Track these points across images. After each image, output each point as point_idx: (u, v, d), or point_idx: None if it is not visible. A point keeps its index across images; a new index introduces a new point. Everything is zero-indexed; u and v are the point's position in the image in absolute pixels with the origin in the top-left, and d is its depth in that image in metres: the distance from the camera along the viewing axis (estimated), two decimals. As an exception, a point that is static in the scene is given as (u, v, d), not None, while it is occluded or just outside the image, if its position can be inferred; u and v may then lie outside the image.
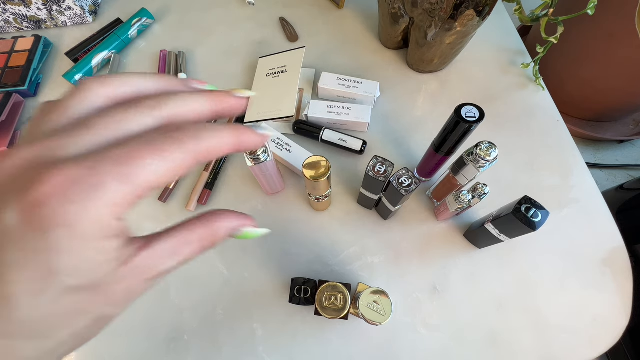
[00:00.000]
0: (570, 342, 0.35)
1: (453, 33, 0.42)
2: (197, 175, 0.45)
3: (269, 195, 0.43)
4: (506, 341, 0.35)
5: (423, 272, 0.39)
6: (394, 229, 0.41)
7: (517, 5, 0.40)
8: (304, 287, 0.34)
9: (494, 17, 0.54)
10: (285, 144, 0.43)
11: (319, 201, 0.38)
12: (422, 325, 0.36)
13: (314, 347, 0.36)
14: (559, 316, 0.36)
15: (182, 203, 0.43)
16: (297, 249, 0.40)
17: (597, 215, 0.41)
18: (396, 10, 0.45)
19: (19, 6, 0.54)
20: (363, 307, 0.30)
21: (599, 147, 1.14)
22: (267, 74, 0.50)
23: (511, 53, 0.53)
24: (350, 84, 0.47)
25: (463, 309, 0.37)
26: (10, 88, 0.50)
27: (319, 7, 0.59)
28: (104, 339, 0.37)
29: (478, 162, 0.32)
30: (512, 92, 0.50)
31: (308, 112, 0.46)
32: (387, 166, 0.32)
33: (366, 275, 0.39)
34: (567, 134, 0.46)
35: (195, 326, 0.37)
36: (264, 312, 0.37)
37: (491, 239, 0.35)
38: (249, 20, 0.58)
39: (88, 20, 0.58)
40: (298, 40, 0.56)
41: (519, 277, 0.38)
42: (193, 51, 0.55)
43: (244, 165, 0.45)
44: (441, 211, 0.39)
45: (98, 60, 0.53)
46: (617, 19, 0.77)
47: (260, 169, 0.35)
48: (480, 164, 0.32)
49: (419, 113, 0.48)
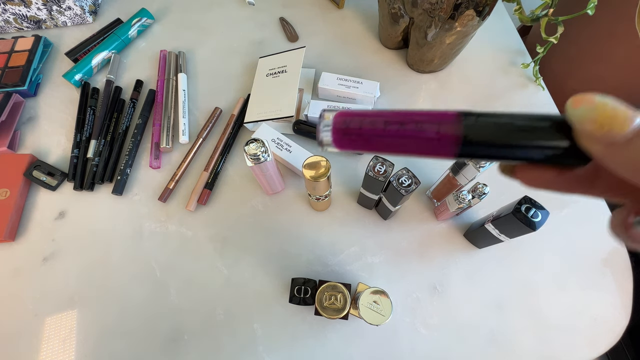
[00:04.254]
0: (570, 342, 0.35)
1: (453, 33, 0.42)
2: (197, 175, 0.45)
3: (269, 195, 0.43)
4: (506, 341, 0.35)
5: (423, 272, 0.39)
6: (394, 229, 0.41)
7: (517, 5, 0.40)
8: (304, 287, 0.34)
9: (494, 17, 0.54)
10: (285, 144, 0.43)
11: (319, 201, 0.38)
12: (422, 325, 0.36)
13: (314, 347, 0.36)
14: (559, 316, 0.36)
15: (182, 203, 0.43)
16: (297, 249, 0.40)
17: (597, 215, 0.41)
18: (396, 10, 0.45)
19: (19, 6, 0.54)
20: (363, 307, 0.30)
21: (599, 147, 1.13)
22: (267, 74, 0.50)
23: (511, 53, 0.53)
24: (350, 84, 0.47)
25: (463, 309, 0.37)
26: (10, 88, 0.50)
27: (319, 7, 0.59)
28: (104, 339, 0.37)
29: (478, 162, 0.32)
30: (512, 92, 0.50)
31: (308, 112, 0.46)
32: (387, 166, 0.32)
33: (366, 275, 0.39)
34: (567, 134, 0.46)
35: (195, 326, 0.37)
36: (264, 312, 0.37)
37: (491, 239, 0.35)
38: (249, 20, 0.58)
39: (88, 20, 0.58)
40: (298, 40, 0.56)
41: (519, 277, 0.38)
42: (193, 51, 0.55)
43: (244, 165, 0.45)
44: (441, 211, 0.39)
45: (98, 60, 0.53)
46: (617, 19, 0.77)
47: (260, 169, 0.35)
48: (480, 164, 0.32)
49: (419, 113, 0.48)
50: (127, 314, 0.38)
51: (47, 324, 0.38)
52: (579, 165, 0.13)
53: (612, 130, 0.11)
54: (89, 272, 0.40)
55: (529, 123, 0.12)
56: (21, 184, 0.43)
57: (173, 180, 0.44)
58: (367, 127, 0.15)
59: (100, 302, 0.39)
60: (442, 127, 0.13)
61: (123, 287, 0.39)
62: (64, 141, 0.48)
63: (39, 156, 0.47)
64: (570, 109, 0.12)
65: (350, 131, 0.15)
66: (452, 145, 0.13)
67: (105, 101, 0.49)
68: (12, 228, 0.41)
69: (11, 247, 0.42)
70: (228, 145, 0.46)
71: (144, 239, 0.41)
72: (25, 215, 0.43)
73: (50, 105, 0.51)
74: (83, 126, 0.47)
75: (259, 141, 0.33)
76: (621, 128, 0.10)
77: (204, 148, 0.47)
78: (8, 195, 0.42)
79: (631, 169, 0.11)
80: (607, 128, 0.11)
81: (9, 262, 0.41)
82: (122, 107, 0.50)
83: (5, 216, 0.41)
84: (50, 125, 0.50)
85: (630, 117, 0.10)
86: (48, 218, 0.43)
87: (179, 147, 0.47)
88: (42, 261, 0.41)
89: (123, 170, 0.44)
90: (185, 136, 0.46)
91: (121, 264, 0.40)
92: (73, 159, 0.45)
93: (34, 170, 0.44)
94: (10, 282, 0.40)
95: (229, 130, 0.47)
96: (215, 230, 0.42)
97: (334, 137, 0.15)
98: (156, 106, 0.49)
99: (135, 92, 0.51)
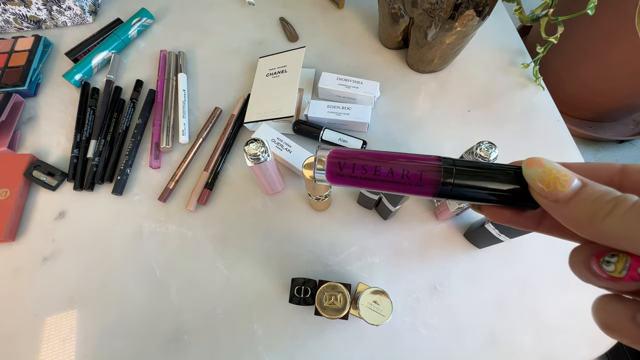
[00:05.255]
0: (570, 342, 0.35)
1: (453, 33, 0.42)
2: (197, 175, 0.45)
3: (269, 195, 0.43)
4: (506, 341, 0.35)
5: (423, 272, 0.39)
6: (394, 229, 0.41)
7: (517, 5, 0.40)
8: (304, 287, 0.34)
9: (494, 17, 0.54)
10: (285, 144, 0.43)
11: (319, 201, 0.38)
12: (422, 325, 0.36)
13: (314, 347, 0.36)
14: (559, 316, 0.36)
15: (182, 203, 0.43)
16: (297, 249, 0.40)
17: (597, 215, 0.41)
18: (396, 10, 0.45)
19: (19, 6, 0.54)
20: (363, 307, 0.30)
21: (599, 147, 1.13)
22: (267, 74, 0.50)
23: (511, 53, 0.53)
24: (350, 84, 0.47)
25: (463, 309, 0.37)
26: (10, 88, 0.50)
27: (319, 7, 0.59)
28: (104, 339, 0.37)
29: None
30: (512, 92, 0.50)
31: (308, 112, 0.46)
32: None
33: (366, 275, 0.39)
34: (567, 134, 0.46)
35: (195, 326, 0.37)
36: (264, 312, 0.37)
37: (491, 239, 0.35)
38: (249, 20, 0.58)
39: (88, 20, 0.58)
40: (298, 40, 0.56)
41: (519, 277, 0.38)
42: (193, 51, 0.55)
43: (244, 165, 0.45)
44: (441, 211, 0.39)
45: (98, 60, 0.53)
46: (617, 19, 0.77)
47: (260, 169, 0.35)
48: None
49: (418, 113, 0.48)
50: (127, 314, 0.38)
51: (47, 324, 0.38)
52: (532, 208, 0.16)
53: (555, 190, 0.13)
54: (89, 272, 0.40)
55: (495, 174, 0.16)
56: (21, 184, 0.43)
57: (173, 180, 0.44)
58: (359, 172, 0.17)
59: (100, 302, 0.39)
60: (425, 174, 0.16)
61: (123, 287, 0.39)
62: (64, 141, 0.48)
63: (39, 156, 0.47)
64: (525, 168, 0.14)
65: (344, 173, 0.17)
66: (432, 188, 0.16)
67: (105, 101, 0.49)
68: (12, 228, 0.41)
69: (11, 247, 0.42)
70: (228, 145, 0.46)
71: (144, 239, 0.41)
72: (25, 215, 0.43)
73: (50, 105, 0.51)
74: (83, 126, 0.47)
75: (259, 141, 0.33)
76: (562, 188, 0.13)
77: (204, 148, 0.47)
78: (8, 195, 0.42)
79: (570, 222, 0.13)
80: (552, 187, 0.13)
81: (9, 262, 0.41)
82: (122, 107, 0.50)
83: (5, 216, 0.41)
84: (50, 125, 0.50)
85: (570, 180, 0.13)
86: (48, 218, 0.43)
87: (179, 147, 0.47)
88: (42, 261, 0.41)
89: (123, 170, 0.44)
90: (185, 136, 0.46)
91: (121, 264, 0.40)
92: (73, 159, 0.45)
93: (34, 170, 0.44)
94: (10, 282, 0.40)
95: (229, 130, 0.47)
96: (215, 230, 0.42)
97: (328, 177, 0.18)
98: (156, 106, 0.49)
99: (135, 92, 0.51)
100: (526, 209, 0.16)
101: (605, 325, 0.13)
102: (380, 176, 0.17)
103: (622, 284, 0.12)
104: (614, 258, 0.12)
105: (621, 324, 0.12)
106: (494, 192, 0.16)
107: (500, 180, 0.15)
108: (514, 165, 0.16)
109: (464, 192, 0.16)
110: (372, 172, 0.17)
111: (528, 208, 0.16)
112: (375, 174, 0.17)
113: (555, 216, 0.14)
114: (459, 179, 0.16)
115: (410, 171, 0.16)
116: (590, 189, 0.13)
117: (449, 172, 0.16)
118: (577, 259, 0.13)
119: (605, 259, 0.12)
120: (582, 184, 0.13)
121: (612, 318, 0.12)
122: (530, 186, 0.14)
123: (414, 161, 0.16)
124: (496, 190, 0.15)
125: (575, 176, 0.13)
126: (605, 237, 0.12)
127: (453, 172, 0.16)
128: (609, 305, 0.13)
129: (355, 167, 0.17)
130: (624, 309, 0.12)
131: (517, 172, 0.15)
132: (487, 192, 0.16)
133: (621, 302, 0.12)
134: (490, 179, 0.15)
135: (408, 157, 0.17)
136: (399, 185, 0.17)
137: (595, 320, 0.13)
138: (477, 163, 0.16)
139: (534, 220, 0.16)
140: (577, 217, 0.13)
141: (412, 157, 0.17)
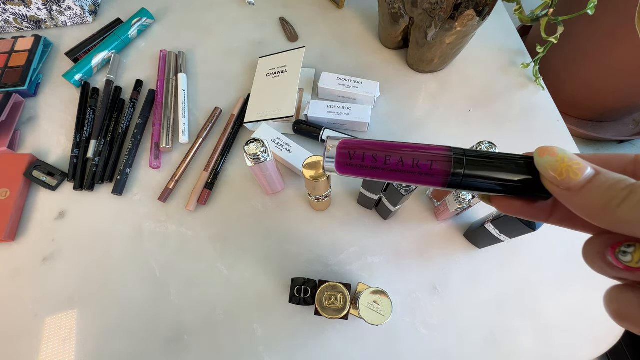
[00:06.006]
0: (570, 342, 0.35)
1: (453, 33, 0.42)
2: (197, 175, 0.45)
3: (269, 195, 0.43)
4: (506, 341, 0.35)
5: (423, 272, 0.39)
6: (394, 229, 0.41)
7: (517, 5, 0.40)
8: (304, 287, 0.34)
9: (494, 17, 0.54)
10: (285, 144, 0.43)
11: (319, 201, 0.38)
12: (422, 325, 0.36)
13: (314, 347, 0.36)
14: (559, 316, 0.36)
15: (182, 203, 0.43)
16: (297, 249, 0.40)
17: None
18: (396, 10, 0.45)
19: (19, 6, 0.54)
20: (363, 307, 0.30)
21: (599, 147, 1.13)
22: (267, 74, 0.50)
23: (511, 53, 0.53)
24: (350, 84, 0.47)
25: (463, 309, 0.37)
26: (10, 88, 0.50)
27: (319, 7, 0.59)
28: (104, 339, 0.37)
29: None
30: (512, 92, 0.50)
31: (308, 112, 0.46)
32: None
33: (366, 275, 0.39)
34: (567, 134, 0.46)
35: (195, 326, 0.37)
36: (264, 312, 0.37)
37: (491, 239, 0.35)
38: (249, 20, 0.58)
39: (88, 20, 0.58)
40: (298, 40, 0.56)
41: (519, 277, 0.38)
42: (193, 51, 0.55)
43: (244, 165, 0.45)
44: (441, 211, 0.39)
45: (98, 60, 0.53)
46: (617, 18, 0.77)
47: (260, 169, 0.35)
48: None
49: (419, 113, 0.48)
50: (127, 314, 0.38)
51: (47, 324, 0.38)
52: (544, 198, 0.15)
53: (568, 178, 0.13)
54: (89, 272, 0.40)
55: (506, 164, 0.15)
56: (21, 184, 0.43)
57: (173, 180, 0.44)
58: (369, 161, 0.17)
59: (100, 302, 0.39)
60: (435, 164, 0.16)
61: (123, 287, 0.39)
62: (64, 141, 0.48)
63: (39, 156, 0.47)
64: (537, 157, 0.14)
65: (353, 163, 0.17)
66: (442, 178, 0.16)
67: (105, 101, 0.49)
68: (12, 228, 0.41)
69: (11, 247, 0.42)
70: (228, 145, 0.46)
71: (144, 239, 0.41)
72: (25, 215, 0.43)
73: (50, 105, 0.51)
74: (83, 126, 0.47)
75: (259, 141, 0.33)
76: (575, 176, 0.13)
77: (204, 148, 0.47)
78: (8, 195, 0.42)
79: (583, 210, 0.13)
80: (565, 176, 0.13)
81: (9, 262, 0.41)
82: (122, 107, 0.50)
83: (5, 216, 0.41)
84: (50, 125, 0.50)
85: (583, 168, 0.13)
86: (48, 218, 0.43)
87: (179, 147, 0.47)
88: (42, 261, 0.41)
89: (123, 170, 0.44)
90: (185, 136, 0.46)
91: (121, 264, 0.40)
92: (73, 159, 0.45)
93: (34, 170, 0.44)
94: (10, 282, 0.40)
95: (229, 130, 0.47)
96: (215, 230, 0.42)
97: (337, 167, 0.17)
98: (156, 106, 0.49)
99: (135, 92, 0.51)
100: (537, 200, 0.16)
101: (617, 315, 0.13)
102: (390, 165, 0.16)
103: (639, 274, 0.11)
104: (631, 248, 0.12)
105: (634, 313, 0.12)
106: (505, 182, 0.15)
107: (511, 170, 0.15)
108: (525, 156, 0.15)
109: (475, 182, 0.16)
110: (382, 162, 0.16)
111: (540, 199, 0.16)
112: (385, 163, 0.16)
113: (568, 205, 0.13)
114: (469, 169, 0.15)
115: (421, 161, 0.16)
116: (603, 176, 0.12)
117: (460, 162, 0.16)
118: (591, 250, 0.13)
119: (622, 250, 0.12)
120: (596, 172, 0.13)
121: (624, 307, 0.12)
122: (543, 175, 0.14)
123: (424, 151, 0.16)
124: (507, 181, 0.15)
125: (588, 164, 0.13)
126: (620, 224, 0.12)
127: (464, 162, 0.16)
128: (621, 295, 0.13)
129: (365, 157, 0.17)
130: (636, 299, 0.12)
131: (529, 162, 0.15)
132: (498, 183, 0.15)
133: (633, 292, 0.12)
134: (501, 169, 0.15)
135: (418, 147, 0.16)
136: (409, 174, 0.16)
137: (607, 311, 0.13)
138: (488, 153, 0.16)
139: (546, 211, 0.16)
140: (591, 205, 0.12)
141: (423, 147, 0.16)
